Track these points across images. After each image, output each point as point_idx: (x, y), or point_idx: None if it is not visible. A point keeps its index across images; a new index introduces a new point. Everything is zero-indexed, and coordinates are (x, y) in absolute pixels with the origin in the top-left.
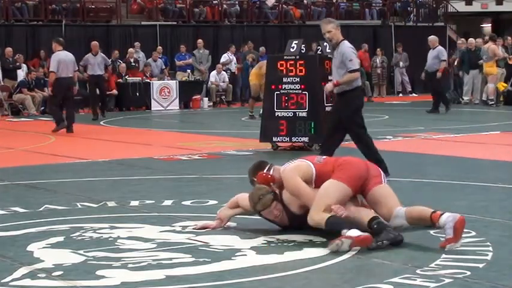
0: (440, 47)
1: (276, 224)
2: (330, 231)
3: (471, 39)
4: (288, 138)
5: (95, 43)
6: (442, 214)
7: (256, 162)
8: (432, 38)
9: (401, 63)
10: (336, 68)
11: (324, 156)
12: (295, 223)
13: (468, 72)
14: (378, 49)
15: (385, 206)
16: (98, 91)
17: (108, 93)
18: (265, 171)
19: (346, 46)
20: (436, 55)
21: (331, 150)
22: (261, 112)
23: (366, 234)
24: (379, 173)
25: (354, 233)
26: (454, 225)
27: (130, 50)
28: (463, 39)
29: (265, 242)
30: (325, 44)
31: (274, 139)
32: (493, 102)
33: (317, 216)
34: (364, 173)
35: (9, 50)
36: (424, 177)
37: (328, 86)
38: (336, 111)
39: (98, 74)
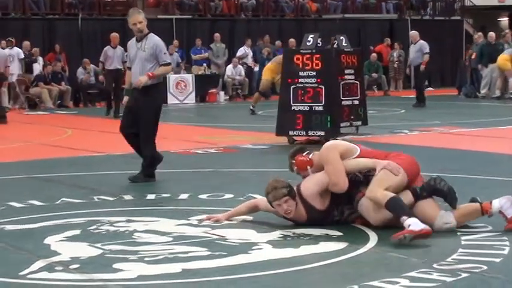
0: (422, 41)
1: (293, 222)
2: (389, 210)
3: (491, 33)
4: (305, 132)
5: (114, 35)
6: (491, 202)
7: (297, 147)
8: (413, 33)
9: None
10: (143, 60)
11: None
12: (316, 221)
13: (487, 66)
14: (396, 43)
15: (431, 207)
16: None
17: (123, 86)
18: (304, 154)
19: (158, 39)
20: (419, 49)
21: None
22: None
23: (427, 227)
24: (420, 172)
25: (416, 226)
26: None
27: None
28: (480, 33)
29: (282, 235)
30: (341, 37)
31: (291, 133)
32: None
33: (380, 193)
34: (418, 170)
35: (26, 43)
36: (440, 171)
37: (143, 79)
38: (139, 108)
39: (117, 68)
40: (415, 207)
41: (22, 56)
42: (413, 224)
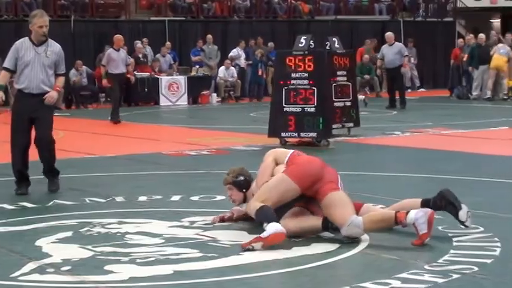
0: (398, 43)
1: None
2: (256, 219)
3: (481, 35)
4: (297, 134)
5: (119, 37)
6: (407, 212)
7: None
8: (390, 34)
9: (412, 59)
10: (45, 66)
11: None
12: None
13: (478, 68)
14: None
15: (339, 212)
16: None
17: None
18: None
19: (60, 46)
20: (398, 51)
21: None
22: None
23: (278, 230)
24: (336, 179)
25: (267, 231)
26: (428, 220)
27: (139, 45)
28: (471, 34)
29: None
30: (333, 39)
31: (283, 134)
32: (507, 97)
33: (252, 205)
34: (316, 173)
35: None
36: (432, 172)
37: (55, 95)
38: (45, 113)
39: (122, 72)
40: (333, 200)
41: None
42: (268, 229)
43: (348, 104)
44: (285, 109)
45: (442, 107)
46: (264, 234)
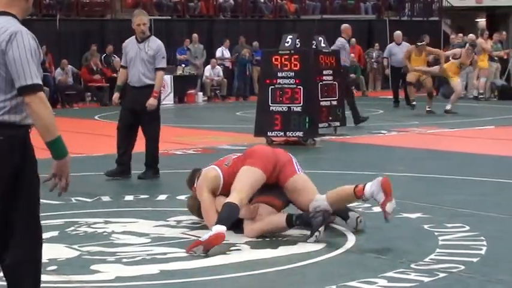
0: (406, 43)
1: None
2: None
3: (471, 35)
4: (283, 133)
5: (347, 26)
6: (364, 186)
7: (191, 172)
8: (399, 34)
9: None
10: (145, 61)
11: (235, 156)
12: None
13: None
14: (377, 44)
15: (306, 195)
16: None
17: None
18: (195, 185)
19: (161, 43)
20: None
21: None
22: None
23: (218, 232)
24: (291, 161)
25: (206, 235)
26: (382, 187)
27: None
28: (460, 34)
29: (260, 236)
30: (319, 38)
31: (269, 133)
32: (482, 96)
33: (235, 197)
34: (272, 157)
35: None
36: (418, 171)
37: (153, 102)
38: (142, 110)
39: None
40: (297, 185)
41: None
42: (212, 230)
43: (334, 103)
44: (271, 108)
45: None
46: (203, 237)
